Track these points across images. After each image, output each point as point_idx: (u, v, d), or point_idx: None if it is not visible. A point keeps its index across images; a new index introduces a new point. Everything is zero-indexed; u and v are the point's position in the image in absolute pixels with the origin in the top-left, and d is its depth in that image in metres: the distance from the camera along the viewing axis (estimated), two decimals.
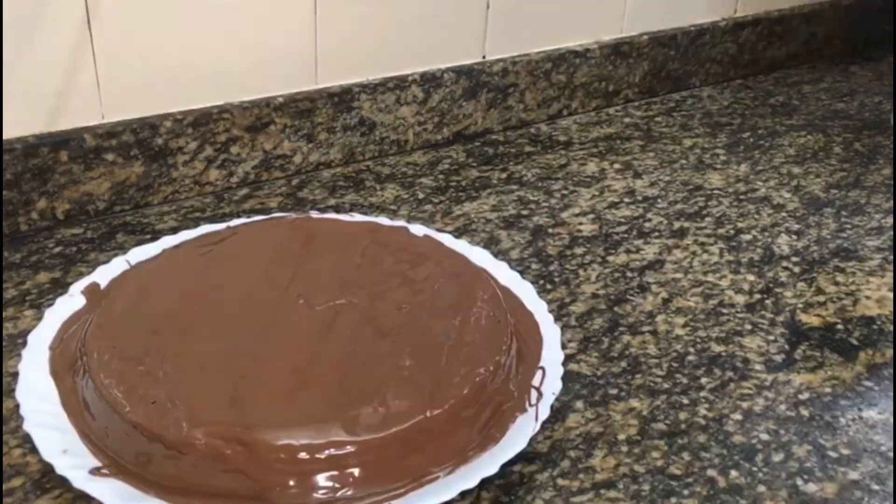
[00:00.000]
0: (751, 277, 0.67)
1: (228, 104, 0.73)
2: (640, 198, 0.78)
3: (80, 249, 0.66)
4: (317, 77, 0.77)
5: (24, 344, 0.52)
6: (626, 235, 0.72)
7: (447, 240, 0.63)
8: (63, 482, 0.44)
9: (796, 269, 0.68)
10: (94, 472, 0.44)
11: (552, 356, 0.53)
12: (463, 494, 0.45)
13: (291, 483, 0.44)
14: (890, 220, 0.76)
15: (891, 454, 0.51)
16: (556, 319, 0.58)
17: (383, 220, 0.65)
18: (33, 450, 0.45)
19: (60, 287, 0.60)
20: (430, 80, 0.82)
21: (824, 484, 0.48)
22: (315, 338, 0.51)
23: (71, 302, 0.56)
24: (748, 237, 0.72)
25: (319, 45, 0.76)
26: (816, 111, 0.98)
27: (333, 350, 0.51)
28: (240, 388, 0.47)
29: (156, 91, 0.70)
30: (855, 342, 0.60)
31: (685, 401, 0.54)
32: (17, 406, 0.47)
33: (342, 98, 0.78)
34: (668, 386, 0.55)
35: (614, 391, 0.54)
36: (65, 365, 0.51)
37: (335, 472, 0.44)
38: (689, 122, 0.94)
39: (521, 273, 0.62)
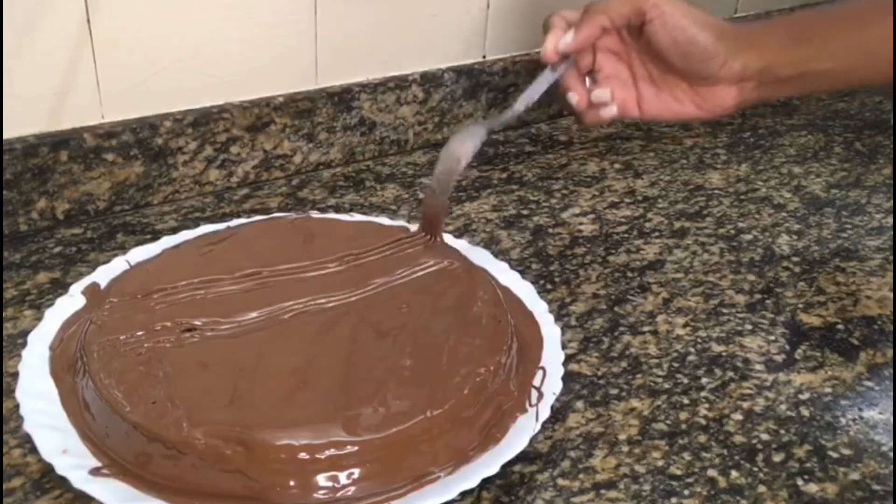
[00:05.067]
0: (751, 277, 0.67)
1: (228, 104, 0.73)
2: (640, 198, 0.78)
3: (80, 249, 0.66)
4: (317, 77, 0.77)
5: (24, 344, 0.52)
6: (626, 235, 0.72)
7: (447, 240, 0.63)
8: (63, 482, 0.44)
9: (797, 269, 0.68)
10: (94, 472, 0.44)
11: (552, 356, 0.53)
12: (463, 494, 0.45)
13: (291, 483, 0.44)
14: (890, 219, 0.75)
15: (891, 454, 0.51)
16: (557, 319, 0.58)
17: (383, 220, 0.65)
18: (33, 450, 0.45)
19: (60, 287, 0.60)
20: (430, 80, 0.82)
21: (825, 484, 0.48)
22: (315, 338, 0.51)
23: (71, 302, 0.56)
24: (749, 237, 0.72)
25: (319, 45, 0.76)
26: (817, 111, 0.98)
27: (333, 350, 0.50)
28: (240, 388, 0.47)
29: (156, 91, 0.70)
30: (855, 342, 0.60)
31: (686, 401, 0.54)
32: (17, 406, 0.47)
33: (342, 98, 0.78)
34: (669, 386, 0.55)
35: (615, 391, 0.54)
36: (65, 365, 0.51)
37: (335, 473, 0.44)
38: (690, 122, 0.94)
39: (522, 273, 0.62)
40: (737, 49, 0.56)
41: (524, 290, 0.59)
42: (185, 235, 0.62)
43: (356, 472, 0.44)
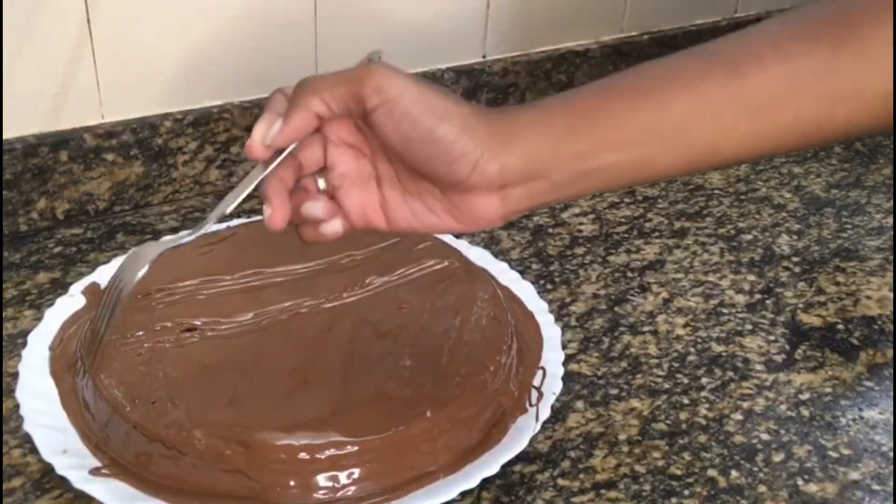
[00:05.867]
0: (751, 277, 0.67)
1: (228, 104, 0.73)
2: (640, 197, 0.78)
3: (80, 249, 0.66)
4: None
5: (24, 344, 0.52)
6: (626, 235, 0.71)
7: (447, 240, 0.63)
8: (63, 482, 0.44)
9: (797, 269, 0.68)
10: (94, 472, 0.44)
11: (553, 356, 0.53)
12: (463, 494, 0.45)
13: (291, 483, 0.44)
14: (890, 220, 0.75)
15: (891, 454, 0.51)
16: (557, 319, 0.58)
17: None
18: (33, 450, 0.45)
19: (60, 287, 0.60)
20: (430, 80, 0.82)
21: (825, 484, 0.48)
22: (315, 338, 0.51)
23: (71, 302, 0.56)
24: (749, 237, 0.72)
25: (319, 45, 0.76)
26: None
27: (333, 350, 0.50)
28: (240, 388, 0.47)
29: (156, 91, 0.70)
30: (855, 342, 0.60)
31: (686, 401, 0.54)
32: (17, 406, 0.47)
33: None
34: (669, 386, 0.55)
35: (615, 391, 0.54)
36: (65, 365, 0.51)
37: (335, 473, 0.44)
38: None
39: (522, 273, 0.62)
40: (492, 145, 0.42)
41: (524, 290, 0.59)
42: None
43: (356, 472, 0.44)
